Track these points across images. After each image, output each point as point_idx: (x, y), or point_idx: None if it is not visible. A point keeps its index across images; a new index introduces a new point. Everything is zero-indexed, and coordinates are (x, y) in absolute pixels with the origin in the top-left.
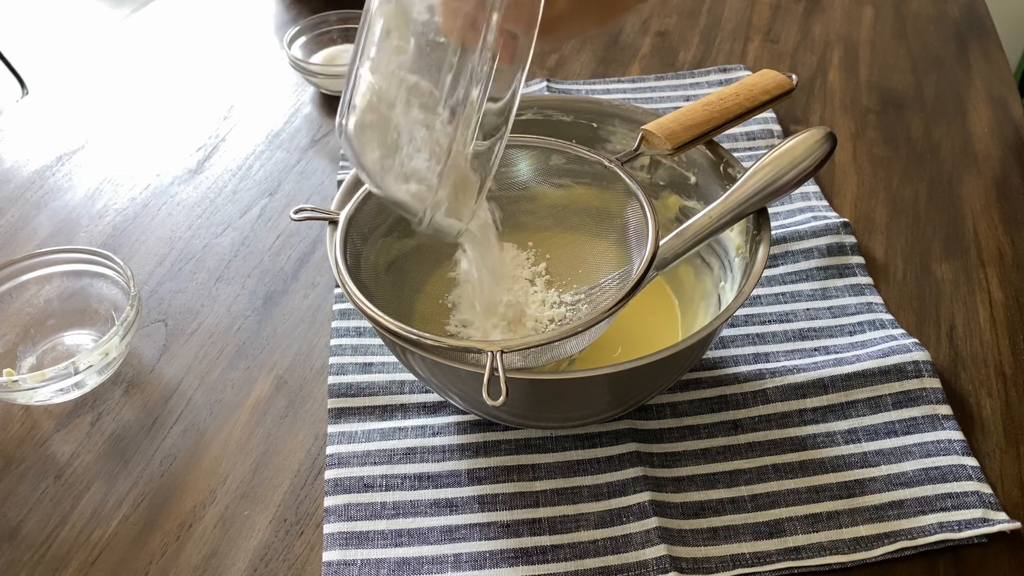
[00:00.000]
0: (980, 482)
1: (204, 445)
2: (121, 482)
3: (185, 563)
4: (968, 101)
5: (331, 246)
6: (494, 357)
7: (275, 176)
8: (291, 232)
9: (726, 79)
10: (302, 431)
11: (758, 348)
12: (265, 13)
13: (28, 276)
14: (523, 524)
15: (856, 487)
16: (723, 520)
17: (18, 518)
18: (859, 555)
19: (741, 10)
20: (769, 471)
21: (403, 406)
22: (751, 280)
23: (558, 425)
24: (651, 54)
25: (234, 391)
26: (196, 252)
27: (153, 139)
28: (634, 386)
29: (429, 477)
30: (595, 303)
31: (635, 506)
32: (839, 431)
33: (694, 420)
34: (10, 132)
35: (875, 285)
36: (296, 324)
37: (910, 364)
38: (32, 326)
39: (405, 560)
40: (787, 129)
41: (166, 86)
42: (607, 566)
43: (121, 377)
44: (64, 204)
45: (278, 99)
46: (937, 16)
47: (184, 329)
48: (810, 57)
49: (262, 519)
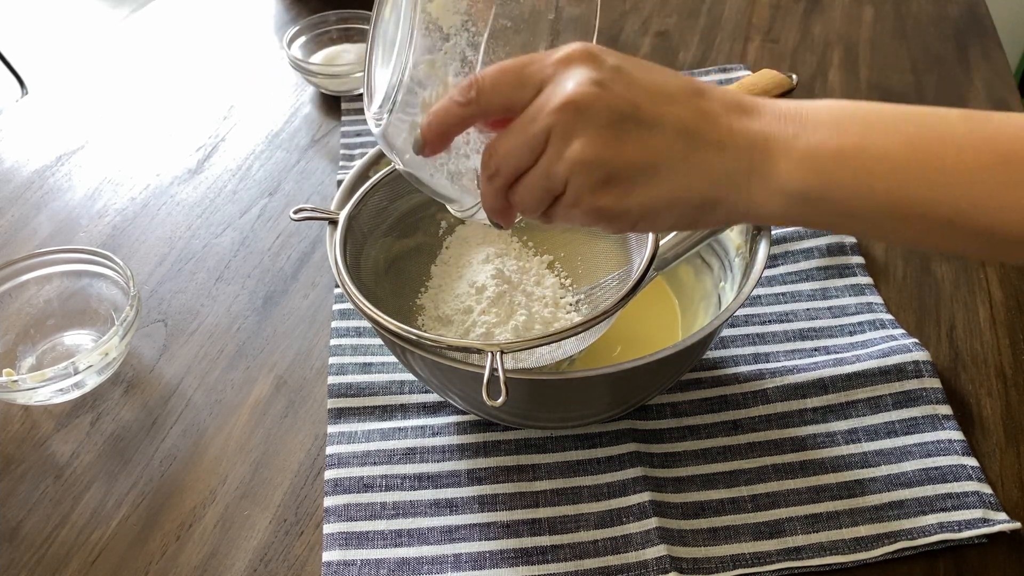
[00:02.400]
0: (980, 482)
1: (204, 445)
2: (121, 482)
3: (185, 563)
4: (968, 101)
5: (331, 246)
6: (494, 357)
7: (275, 176)
8: (291, 232)
9: (726, 79)
10: (302, 431)
11: (758, 348)
12: (265, 13)
13: (28, 276)
14: (523, 524)
15: (856, 487)
16: (723, 520)
17: (18, 518)
18: (859, 555)
19: (741, 10)
20: (769, 471)
21: (403, 406)
22: (751, 280)
23: (558, 425)
24: (651, 54)
25: (234, 391)
26: (196, 252)
27: (153, 139)
28: (634, 386)
29: (429, 477)
30: (595, 303)
31: (635, 506)
32: (839, 431)
33: (694, 420)
34: (10, 132)
35: (875, 285)
36: (296, 324)
37: (910, 364)
38: (32, 326)
39: (405, 560)
40: None
41: (166, 86)
42: (607, 566)
43: (121, 377)
44: (64, 204)
45: (278, 99)
46: (937, 16)
47: (184, 329)
48: (810, 57)
49: (262, 519)
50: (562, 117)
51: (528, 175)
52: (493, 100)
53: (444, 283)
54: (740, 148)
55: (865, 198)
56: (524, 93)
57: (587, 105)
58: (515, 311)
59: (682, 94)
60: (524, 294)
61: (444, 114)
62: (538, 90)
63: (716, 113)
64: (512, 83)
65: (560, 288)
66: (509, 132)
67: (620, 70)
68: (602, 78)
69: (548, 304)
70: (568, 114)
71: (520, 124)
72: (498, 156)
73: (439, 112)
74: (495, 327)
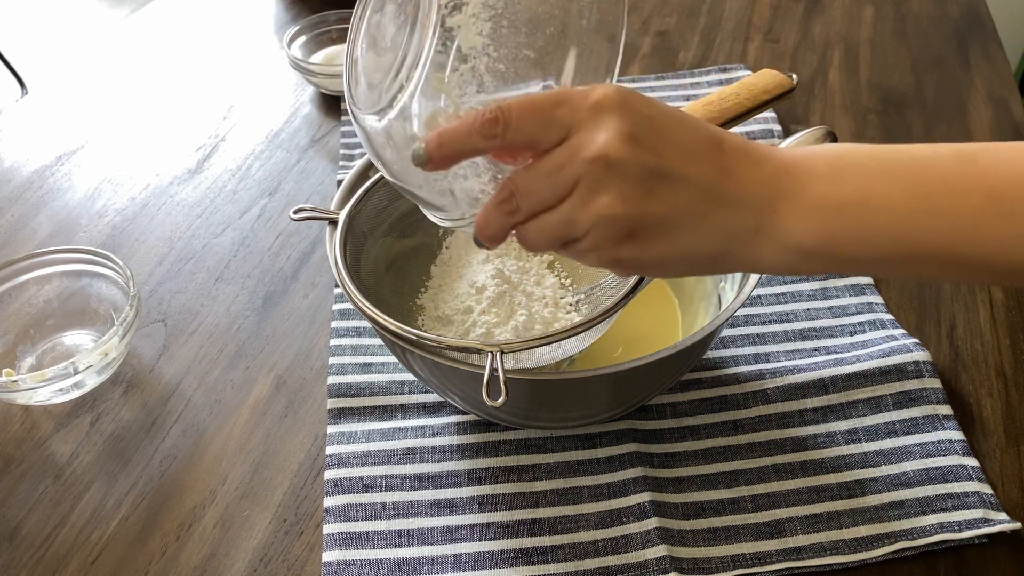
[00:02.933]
0: (981, 482)
1: (204, 445)
2: (121, 482)
3: (185, 563)
4: (968, 101)
5: (331, 246)
6: (494, 357)
7: (275, 176)
8: (291, 232)
9: (726, 79)
10: (302, 431)
11: (758, 348)
12: (265, 13)
13: (28, 276)
14: (523, 524)
15: (857, 487)
16: (723, 520)
17: (18, 518)
18: (860, 555)
19: (741, 10)
20: (769, 471)
21: (403, 406)
22: (751, 280)
23: (558, 425)
24: (651, 54)
25: (234, 391)
26: (196, 252)
27: (153, 139)
28: (634, 386)
29: (429, 477)
30: (595, 303)
31: (635, 506)
32: (839, 431)
33: (694, 420)
34: (10, 132)
35: (875, 285)
36: (296, 324)
37: (910, 364)
38: (32, 326)
39: (405, 560)
40: (787, 129)
41: (166, 86)
42: (607, 566)
43: (121, 377)
44: (64, 204)
45: (278, 99)
46: (937, 16)
47: (184, 329)
48: (810, 57)
49: (262, 519)
50: (592, 169)
51: (546, 216)
52: (518, 136)
53: (444, 283)
54: (752, 206)
55: (866, 246)
56: (551, 133)
57: (619, 160)
58: (515, 311)
59: (704, 148)
60: (524, 294)
61: (460, 137)
62: (566, 133)
63: (733, 169)
64: (540, 122)
65: (560, 288)
66: (536, 172)
67: (651, 121)
68: (634, 132)
69: (548, 304)
70: (599, 167)
71: (547, 167)
72: (520, 194)
73: (452, 134)
74: (495, 327)
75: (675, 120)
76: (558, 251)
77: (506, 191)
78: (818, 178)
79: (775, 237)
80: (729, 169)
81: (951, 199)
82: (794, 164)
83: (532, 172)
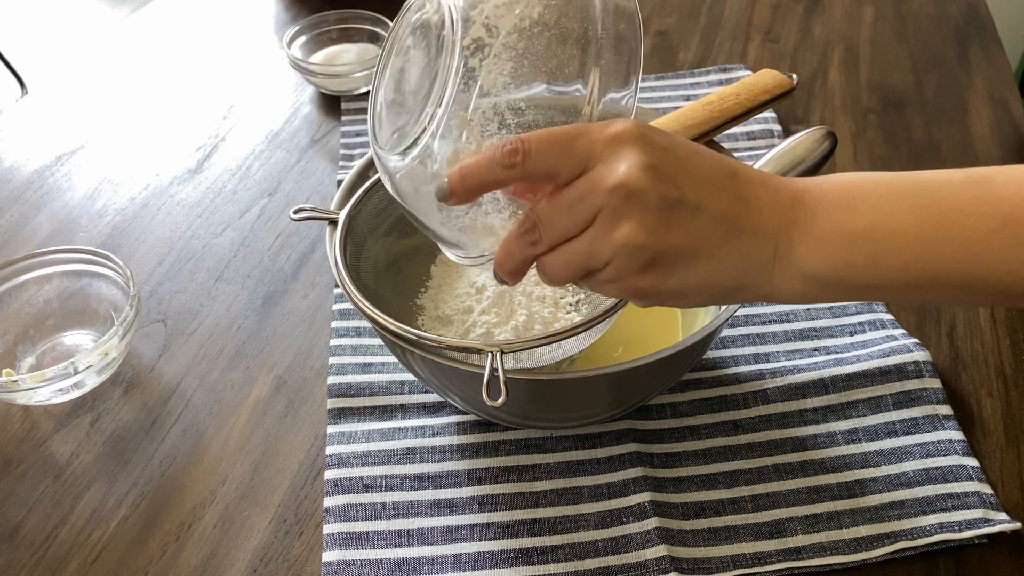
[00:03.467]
0: (981, 482)
1: (204, 445)
2: (121, 482)
3: (185, 563)
4: (968, 101)
5: (331, 246)
6: (494, 357)
7: (275, 176)
8: (291, 232)
9: (726, 79)
10: (302, 431)
11: (758, 348)
12: (265, 13)
13: (28, 276)
14: (523, 524)
15: (856, 487)
16: (723, 520)
17: (18, 518)
18: (859, 555)
19: (741, 10)
20: (769, 471)
21: (403, 406)
22: None
23: (558, 425)
24: (651, 54)
25: (234, 391)
26: (196, 252)
27: (153, 139)
28: (634, 386)
29: (429, 477)
30: (595, 303)
31: (635, 506)
32: (839, 431)
33: (694, 420)
34: (10, 132)
35: None
36: (296, 324)
37: (911, 364)
38: (31, 326)
39: (405, 560)
40: (788, 129)
41: (166, 86)
42: (607, 566)
43: (121, 377)
44: (64, 204)
45: (278, 99)
46: (937, 16)
47: (184, 329)
48: (810, 57)
49: (262, 519)
50: (613, 199)
51: (567, 247)
52: (537, 168)
53: (444, 283)
54: (768, 235)
55: (882, 273)
56: (570, 165)
57: (639, 189)
58: (515, 311)
59: (721, 178)
60: (524, 294)
61: (481, 170)
62: (585, 165)
63: (749, 198)
64: (559, 153)
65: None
66: (557, 203)
67: (669, 152)
68: (653, 162)
69: (548, 304)
70: (619, 197)
71: (569, 198)
72: (543, 224)
73: (474, 167)
74: (495, 327)
75: (692, 152)
76: (579, 283)
77: (528, 222)
78: (832, 207)
79: (791, 266)
80: (746, 199)
81: (965, 223)
82: (808, 193)
83: (553, 203)
